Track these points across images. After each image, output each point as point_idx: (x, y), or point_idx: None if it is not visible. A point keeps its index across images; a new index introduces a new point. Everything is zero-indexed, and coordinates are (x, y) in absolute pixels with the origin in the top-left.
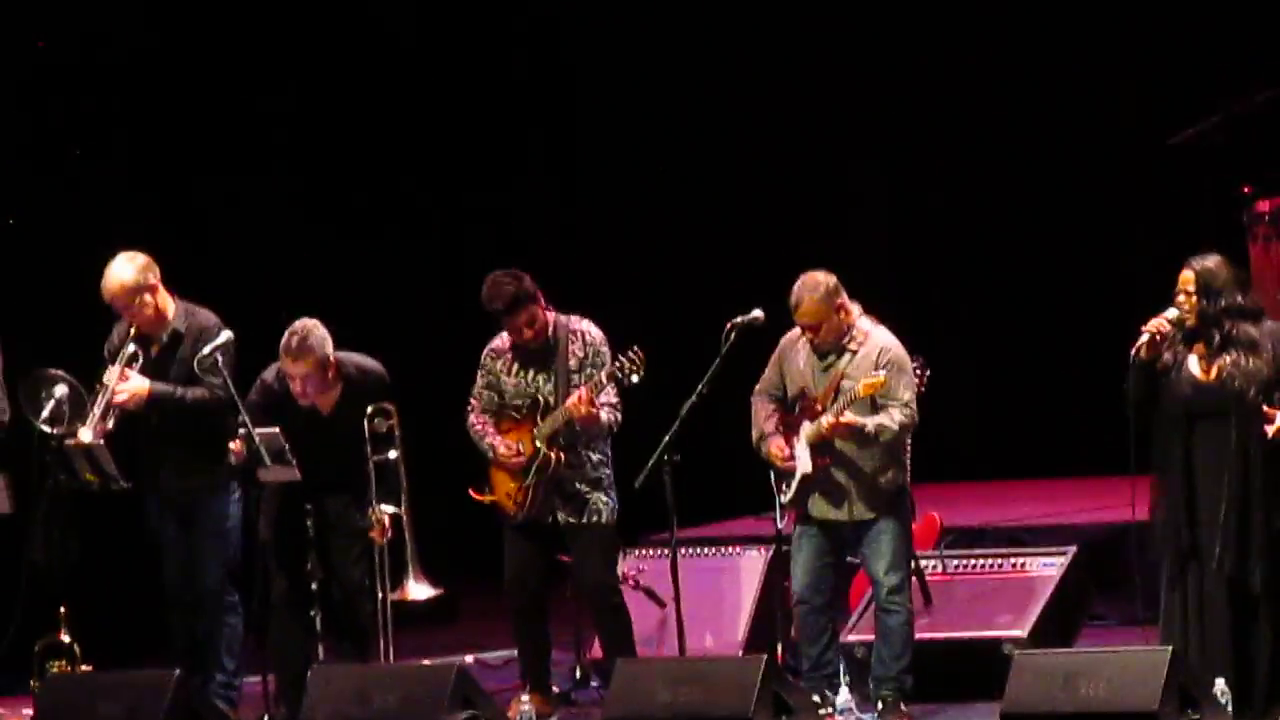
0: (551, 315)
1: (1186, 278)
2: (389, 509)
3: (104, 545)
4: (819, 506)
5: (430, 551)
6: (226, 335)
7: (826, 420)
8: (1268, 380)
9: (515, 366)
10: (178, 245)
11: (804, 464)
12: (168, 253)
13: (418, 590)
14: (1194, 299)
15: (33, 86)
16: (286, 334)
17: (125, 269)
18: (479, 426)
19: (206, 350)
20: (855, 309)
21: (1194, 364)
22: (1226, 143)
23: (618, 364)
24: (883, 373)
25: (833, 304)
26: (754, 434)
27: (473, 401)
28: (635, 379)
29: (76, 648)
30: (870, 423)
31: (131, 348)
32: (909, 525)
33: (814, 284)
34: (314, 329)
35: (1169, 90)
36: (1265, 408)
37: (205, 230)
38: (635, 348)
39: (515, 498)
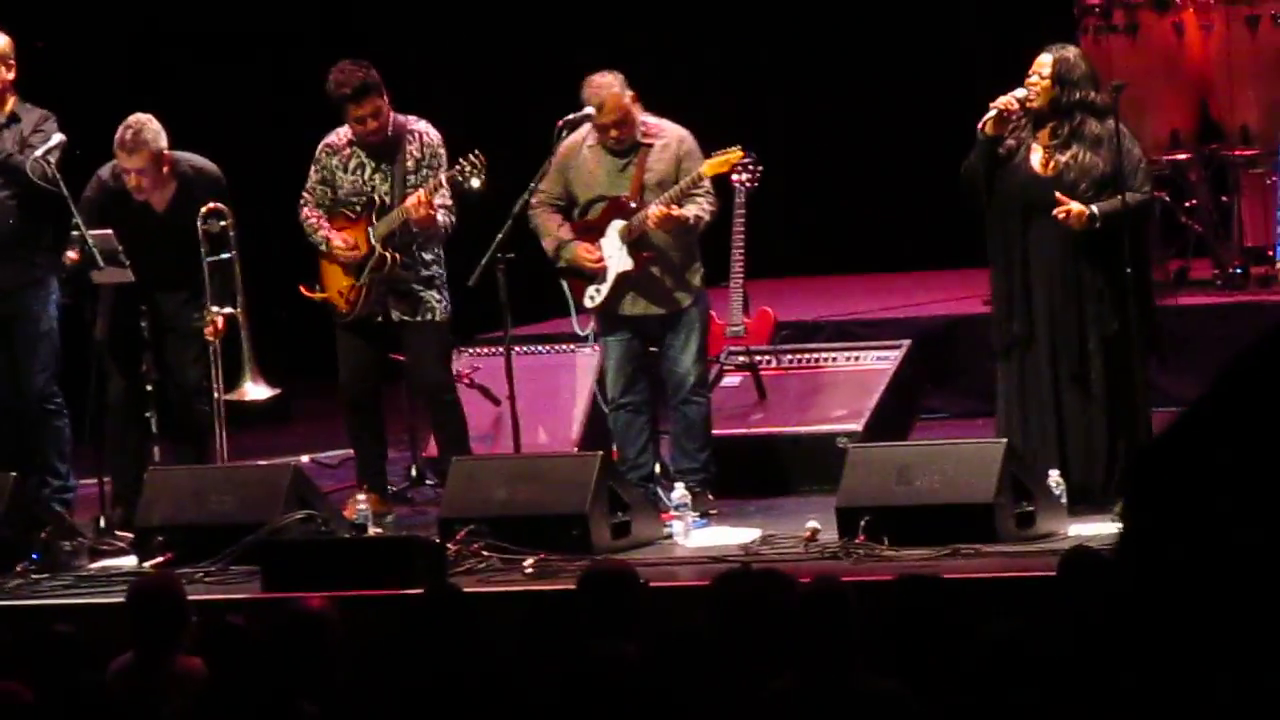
0: (391, 115)
1: (1043, 61)
2: (225, 309)
3: None
4: (634, 304)
5: (263, 352)
6: (60, 137)
7: (656, 211)
8: (1101, 177)
9: (352, 163)
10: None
11: (622, 262)
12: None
13: (255, 390)
14: (1047, 84)
15: None
16: (120, 128)
17: None
18: (313, 220)
19: (40, 152)
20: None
21: (1036, 156)
22: None
23: (458, 167)
24: (738, 148)
25: (629, 99)
26: (548, 244)
27: (305, 195)
28: (476, 183)
29: None
30: (690, 214)
31: None
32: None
33: (610, 83)
34: (148, 123)
35: None
36: (1058, 193)
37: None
38: (476, 151)
39: (347, 295)
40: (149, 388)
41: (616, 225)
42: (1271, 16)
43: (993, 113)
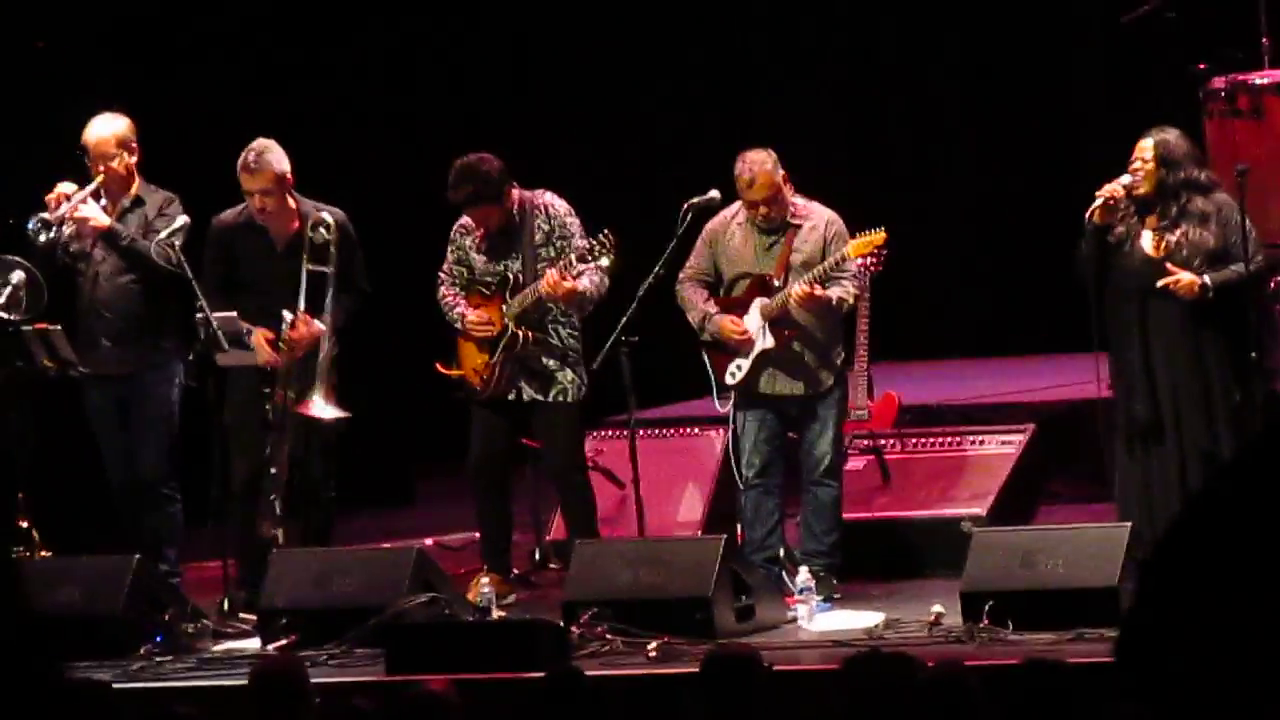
0: (516, 193)
1: (1145, 146)
2: (316, 322)
3: (60, 430)
4: (774, 382)
5: (389, 433)
6: (184, 220)
7: (799, 290)
8: (1213, 252)
9: (484, 244)
10: (149, 132)
11: (764, 340)
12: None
13: (322, 409)
14: (1151, 167)
15: None
16: (244, 153)
17: (117, 121)
18: (449, 298)
19: (165, 234)
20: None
21: (1147, 239)
22: (1180, 19)
23: (586, 245)
24: (880, 230)
25: (781, 179)
26: (694, 317)
27: (442, 275)
28: (605, 261)
29: (35, 534)
30: (834, 294)
31: (96, 183)
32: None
33: (763, 160)
34: (272, 146)
35: None
36: (1168, 264)
37: (156, 115)
38: (606, 230)
39: (482, 373)
40: (272, 470)
41: (760, 303)
42: None
43: (1099, 201)
